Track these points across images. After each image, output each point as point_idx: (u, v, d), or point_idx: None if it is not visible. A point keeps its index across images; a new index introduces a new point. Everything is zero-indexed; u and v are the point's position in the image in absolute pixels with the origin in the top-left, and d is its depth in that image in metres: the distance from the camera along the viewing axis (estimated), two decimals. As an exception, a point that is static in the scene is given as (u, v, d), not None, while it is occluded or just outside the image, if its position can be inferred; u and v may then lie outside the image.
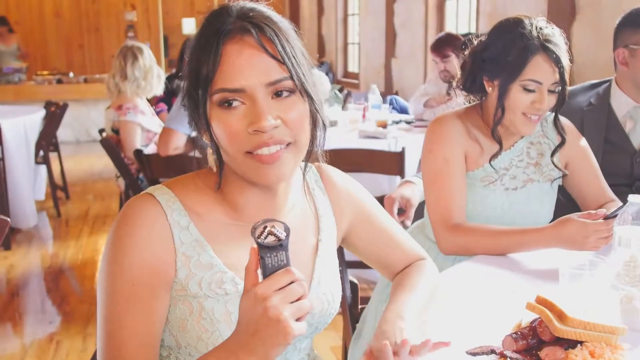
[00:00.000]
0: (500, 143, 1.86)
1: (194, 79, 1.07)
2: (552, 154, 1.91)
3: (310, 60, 1.11)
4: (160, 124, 4.08)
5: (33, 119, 5.18)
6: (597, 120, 2.19)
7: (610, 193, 1.96)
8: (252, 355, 0.94)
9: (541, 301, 1.18)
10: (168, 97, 4.50)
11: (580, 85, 2.39)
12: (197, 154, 1.21)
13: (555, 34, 1.79)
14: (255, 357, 0.94)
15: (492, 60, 1.82)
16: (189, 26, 11.96)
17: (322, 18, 9.71)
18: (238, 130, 1.04)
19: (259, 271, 0.93)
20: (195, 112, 1.09)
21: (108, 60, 4.09)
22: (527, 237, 1.70)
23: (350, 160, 2.75)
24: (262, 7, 1.09)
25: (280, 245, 0.92)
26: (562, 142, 1.89)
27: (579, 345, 1.13)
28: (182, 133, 3.14)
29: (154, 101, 5.12)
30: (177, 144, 3.14)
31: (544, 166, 1.92)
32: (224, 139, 1.06)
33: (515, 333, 1.15)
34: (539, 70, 1.76)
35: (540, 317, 1.15)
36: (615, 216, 1.54)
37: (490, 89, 1.85)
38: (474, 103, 1.94)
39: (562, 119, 1.97)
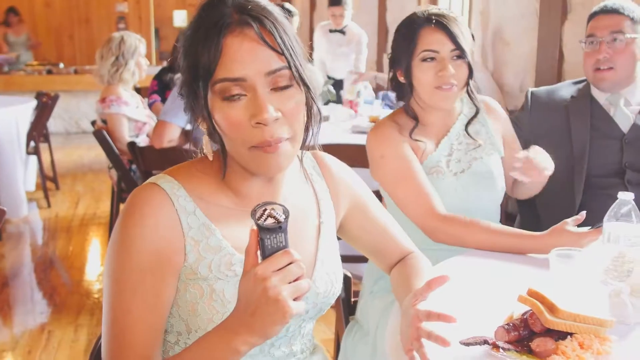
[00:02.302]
0: (415, 119, 1.93)
1: (193, 71, 1.08)
2: (466, 126, 1.97)
3: (303, 48, 1.14)
4: (148, 114, 4.07)
5: (24, 109, 5.16)
6: (581, 109, 2.25)
7: None
8: (251, 333, 0.97)
9: (532, 294, 1.21)
10: (161, 90, 4.48)
11: (561, 83, 2.47)
12: (191, 146, 1.23)
13: (445, 13, 1.88)
14: (255, 335, 0.98)
15: (395, 52, 1.94)
16: (180, 18, 11.92)
17: (314, 13, 9.70)
18: (240, 123, 1.06)
19: (259, 252, 0.96)
20: (195, 103, 1.11)
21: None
22: (522, 242, 1.73)
23: (342, 155, 2.74)
24: None
25: (280, 228, 0.95)
26: (477, 113, 1.96)
27: (569, 336, 1.16)
28: (177, 125, 3.15)
29: (146, 93, 5.11)
30: (172, 137, 3.15)
31: (483, 142, 1.98)
32: (227, 131, 1.08)
33: (508, 324, 1.18)
34: (429, 40, 1.85)
35: (531, 309, 1.18)
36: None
37: (402, 78, 1.93)
38: (401, 105, 2.00)
39: (489, 100, 2.06)
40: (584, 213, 1.71)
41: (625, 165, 2.18)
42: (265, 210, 0.95)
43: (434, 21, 1.85)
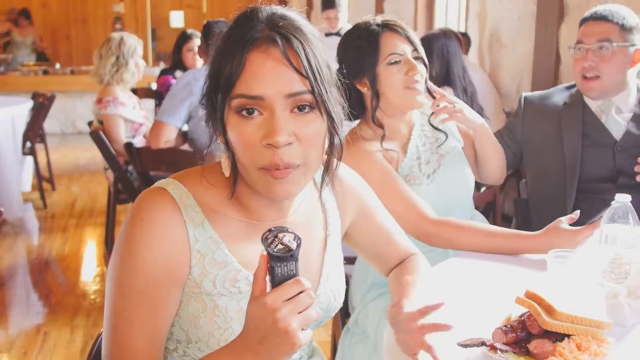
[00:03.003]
0: (382, 127, 1.93)
1: (215, 81, 1.06)
2: (429, 119, 2.00)
3: (334, 73, 1.10)
4: (145, 115, 4.07)
5: (20, 109, 5.14)
6: (573, 117, 2.24)
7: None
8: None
9: (530, 295, 1.21)
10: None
11: (555, 87, 2.44)
12: (187, 147, 1.21)
13: (395, 19, 1.93)
14: None
15: (353, 62, 1.90)
16: (177, 19, 11.90)
17: (312, 14, 9.70)
18: (252, 141, 1.03)
19: (268, 278, 0.94)
20: (212, 114, 1.08)
21: (95, 51, 4.13)
22: (517, 242, 1.73)
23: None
24: (294, 15, 1.07)
25: (291, 256, 0.93)
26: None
27: (566, 338, 1.16)
28: (174, 126, 3.15)
29: (143, 94, 5.10)
30: (168, 137, 3.14)
31: (444, 137, 2.02)
32: (238, 147, 1.05)
33: (505, 326, 1.18)
34: (392, 43, 1.87)
35: (529, 311, 1.19)
36: (600, 218, 1.59)
37: (365, 88, 1.91)
38: (357, 122, 1.99)
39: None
40: (577, 212, 1.72)
41: (617, 172, 2.18)
42: (276, 236, 0.93)
43: (394, 27, 1.88)
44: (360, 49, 1.88)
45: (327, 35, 5.78)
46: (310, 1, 9.75)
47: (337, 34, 5.72)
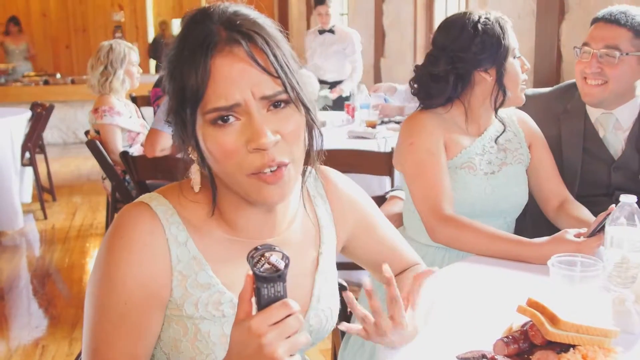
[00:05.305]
0: (504, 123, 1.99)
1: (180, 96, 0.99)
2: (497, 137, 1.99)
3: (298, 60, 1.05)
4: (142, 123, 4.03)
5: (19, 120, 5.12)
6: (574, 129, 2.12)
7: (566, 191, 2.01)
8: None
9: (532, 304, 1.16)
10: None
11: (557, 86, 2.30)
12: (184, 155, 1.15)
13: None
14: None
15: (481, 51, 1.88)
16: (178, 27, 11.91)
17: (311, 17, 9.69)
18: (236, 149, 0.97)
19: (254, 300, 0.88)
20: (183, 130, 1.01)
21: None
22: (522, 249, 1.68)
23: (339, 161, 2.73)
24: (246, 10, 1.01)
25: (278, 277, 0.87)
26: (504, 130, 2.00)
27: (571, 349, 1.11)
28: (169, 134, 3.10)
29: (142, 102, 5.07)
30: (164, 145, 3.11)
31: (513, 150, 2.01)
32: (220, 158, 0.98)
33: (507, 337, 1.14)
34: (513, 38, 1.92)
35: (531, 321, 1.14)
36: (602, 228, 1.53)
37: (490, 77, 1.90)
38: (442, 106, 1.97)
39: (522, 112, 2.08)
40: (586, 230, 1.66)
41: (614, 188, 2.08)
42: (263, 255, 0.87)
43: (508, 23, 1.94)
44: (494, 38, 1.87)
45: (320, 32, 5.77)
46: (310, 4, 9.74)
47: (331, 30, 5.71)
